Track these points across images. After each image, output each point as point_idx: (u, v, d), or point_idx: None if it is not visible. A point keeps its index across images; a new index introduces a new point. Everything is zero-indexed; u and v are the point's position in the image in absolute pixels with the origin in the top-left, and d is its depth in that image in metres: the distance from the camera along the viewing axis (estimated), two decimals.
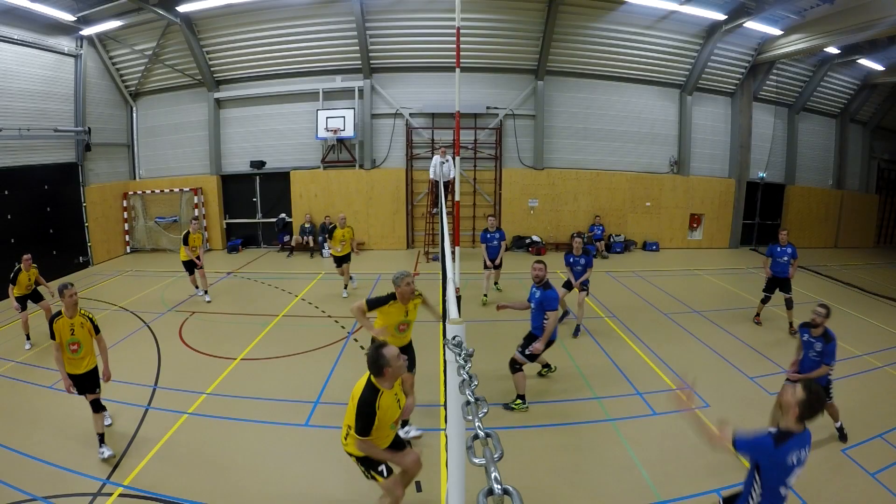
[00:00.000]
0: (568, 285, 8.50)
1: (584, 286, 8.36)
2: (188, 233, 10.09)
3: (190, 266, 10.22)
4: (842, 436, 5.29)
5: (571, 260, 8.43)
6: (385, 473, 3.66)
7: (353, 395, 3.57)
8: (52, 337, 4.87)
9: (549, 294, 5.71)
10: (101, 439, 4.96)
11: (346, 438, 3.67)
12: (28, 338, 7.98)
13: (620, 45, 14.45)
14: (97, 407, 4.99)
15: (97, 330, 5.09)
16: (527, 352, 5.79)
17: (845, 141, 17.91)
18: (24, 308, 7.98)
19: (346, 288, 10.60)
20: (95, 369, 5.11)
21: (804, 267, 12.70)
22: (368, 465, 3.67)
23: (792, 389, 3.22)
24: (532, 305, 5.91)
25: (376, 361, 3.46)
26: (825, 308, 5.19)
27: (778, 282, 8.88)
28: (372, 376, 3.52)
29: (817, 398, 3.17)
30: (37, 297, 8.33)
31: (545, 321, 5.71)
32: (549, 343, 5.85)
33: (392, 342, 4.03)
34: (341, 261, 10.44)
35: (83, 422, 5.30)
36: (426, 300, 5.22)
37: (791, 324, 8.59)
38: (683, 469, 4.77)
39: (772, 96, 16.46)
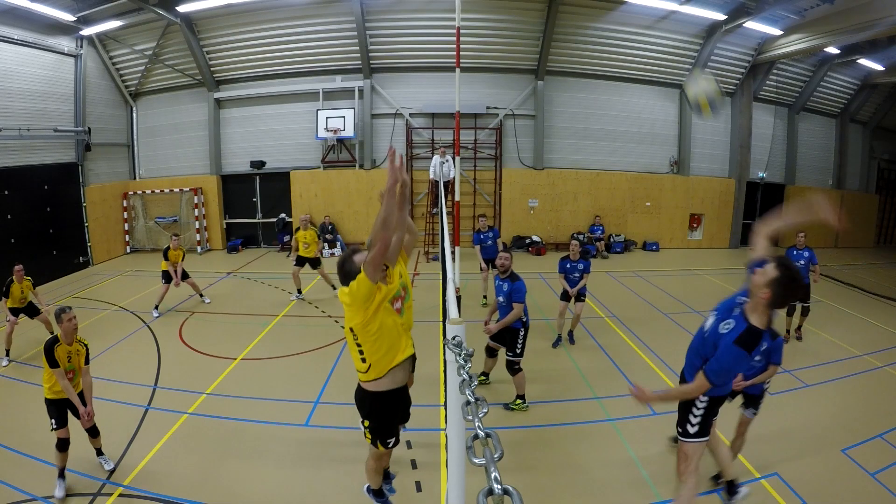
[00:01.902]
0: (566, 297, 7.78)
1: (581, 294, 7.74)
2: (168, 248, 9.54)
3: (168, 276, 9.58)
4: (730, 489, 4.21)
5: (568, 266, 7.65)
6: (390, 445, 3.46)
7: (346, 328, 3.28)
8: (53, 365, 4.43)
9: (517, 286, 5.69)
10: (99, 451, 4.84)
11: (365, 367, 3.23)
12: (7, 353, 7.41)
13: (620, 45, 14.45)
14: (94, 432, 4.75)
15: (88, 360, 4.75)
16: (514, 353, 5.81)
17: (845, 141, 17.91)
18: (15, 316, 7.55)
19: (334, 288, 10.22)
20: (81, 393, 4.73)
21: None
22: (377, 431, 3.41)
23: (762, 269, 2.82)
24: (501, 300, 5.84)
25: (342, 267, 3.10)
26: None
27: None
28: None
29: (793, 277, 2.79)
30: (32, 311, 7.80)
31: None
32: (526, 329, 5.83)
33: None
34: (303, 261, 10.03)
35: None
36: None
37: (799, 328, 8.31)
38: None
39: (772, 96, 16.46)
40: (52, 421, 4.58)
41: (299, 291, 10.35)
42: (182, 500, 4.37)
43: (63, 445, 4.54)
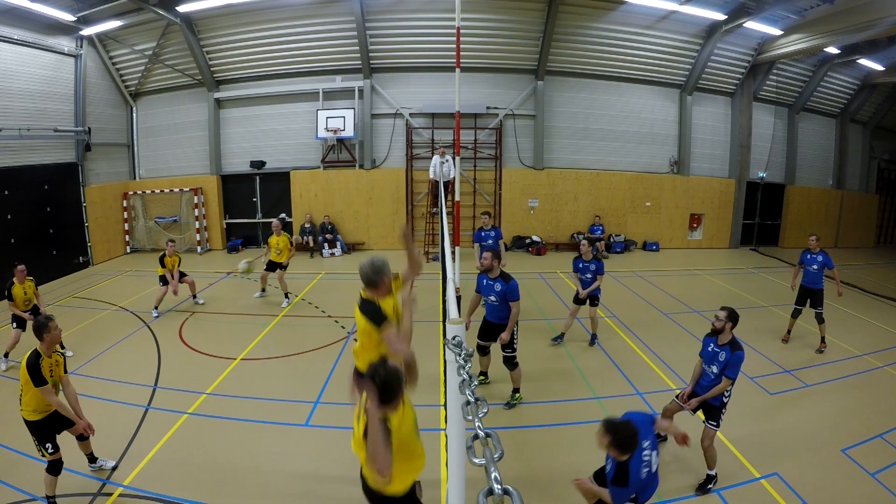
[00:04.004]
0: (578, 300, 7.77)
1: (595, 297, 7.67)
2: (164, 255, 9.42)
3: (164, 278, 9.51)
4: (703, 486, 4.48)
5: (581, 266, 7.62)
6: None
7: (356, 438, 2.96)
8: (41, 383, 4.10)
9: (511, 285, 5.67)
10: (91, 457, 4.74)
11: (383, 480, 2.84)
12: (6, 356, 7.12)
13: (620, 45, 14.45)
14: (83, 436, 4.60)
15: (66, 369, 4.48)
16: (512, 349, 5.84)
17: (845, 141, 17.90)
18: (22, 329, 7.18)
19: (284, 297, 10.13)
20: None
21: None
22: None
23: (599, 437, 3.21)
24: (493, 299, 5.80)
25: (388, 384, 2.69)
26: (726, 310, 4.44)
27: (808, 293, 8.00)
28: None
29: (623, 431, 3.19)
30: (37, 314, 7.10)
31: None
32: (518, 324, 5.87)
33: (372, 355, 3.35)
34: (274, 266, 10.05)
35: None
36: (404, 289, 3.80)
37: (822, 339, 7.88)
38: (684, 469, 4.77)
39: (772, 96, 16.46)
40: (48, 446, 4.21)
41: (263, 290, 10.49)
42: (182, 500, 4.37)
43: (57, 468, 4.21)
